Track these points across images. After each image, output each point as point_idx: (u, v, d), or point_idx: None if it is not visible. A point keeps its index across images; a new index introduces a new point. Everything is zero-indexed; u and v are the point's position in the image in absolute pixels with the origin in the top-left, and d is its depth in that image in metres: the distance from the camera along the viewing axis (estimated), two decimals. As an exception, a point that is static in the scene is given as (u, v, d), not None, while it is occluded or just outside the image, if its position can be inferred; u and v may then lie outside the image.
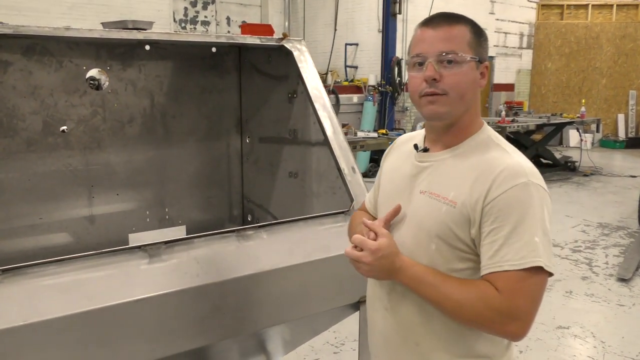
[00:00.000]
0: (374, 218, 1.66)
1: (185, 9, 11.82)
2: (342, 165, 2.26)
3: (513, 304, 1.26)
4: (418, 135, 1.58)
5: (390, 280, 1.43)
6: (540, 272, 1.27)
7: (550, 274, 1.30)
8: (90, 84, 2.53)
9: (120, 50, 2.68)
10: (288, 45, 2.50)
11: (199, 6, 12.04)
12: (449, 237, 1.36)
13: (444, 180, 1.41)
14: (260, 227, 2.03)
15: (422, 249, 1.41)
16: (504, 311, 1.26)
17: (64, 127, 2.59)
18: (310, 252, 2.01)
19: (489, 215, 1.30)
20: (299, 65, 2.46)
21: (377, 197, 1.66)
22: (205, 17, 12.17)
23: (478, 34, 1.40)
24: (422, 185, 1.44)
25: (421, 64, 1.37)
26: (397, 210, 1.47)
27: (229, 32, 12.23)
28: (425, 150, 1.49)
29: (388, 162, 1.65)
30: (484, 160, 1.37)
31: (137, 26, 2.28)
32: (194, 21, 11.99)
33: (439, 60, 1.35)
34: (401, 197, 1.49)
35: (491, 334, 1.36)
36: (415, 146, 1.51)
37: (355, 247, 1.41)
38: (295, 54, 2.49)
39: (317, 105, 2.40)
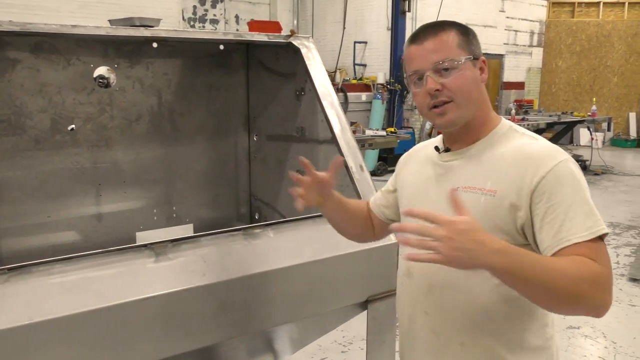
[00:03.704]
0: (377, 219, 1.72)
1: (194, 7, 11.84)
2: (350, 163, 2.24)
3: (606, 272, 1.22)
4: (434, 142, 1.56)
5: (477, 266, 1.14)
6: (602, 239, 1.26)
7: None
8: (99, 82, 2.53)
9: (128, 47, 2.67)
10: (296, 43, 2.49)
11: (208, 4, 12.06)
12: (489, 226, 1.29)
13: (477, 173, 1.38)
14: (267, 225, 2.02)
15: None
16: (604, 281, 1.21)
17: (72, 126, 2.59)
18: (318, 251, 1.99)
19: (540, 196, 1.28)
20: (307, 62, 2.45)
21: (385, 202, 1.70)
22: (214, 15, 12.19)
23: (465, 33, 1.40)
24: (452, 183, 1.41)
25: (420, 79, 1.38)
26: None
27: (237, 30, 12.24)
28: (447, 150, 1.47)
29: (407, 169, 1.62)
30: (514, 147, 1.37)
31: (144, 23, 2.27)
32: (202, 19, 12.01)
33: (436, 70, 1.35)
34: (426, 200, 1.46)
35: (586, 309, 1.24)
36: (437, 148, 1.50)
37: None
38: (303, 51, 2.47)
39: (325, 103, 2.38)
